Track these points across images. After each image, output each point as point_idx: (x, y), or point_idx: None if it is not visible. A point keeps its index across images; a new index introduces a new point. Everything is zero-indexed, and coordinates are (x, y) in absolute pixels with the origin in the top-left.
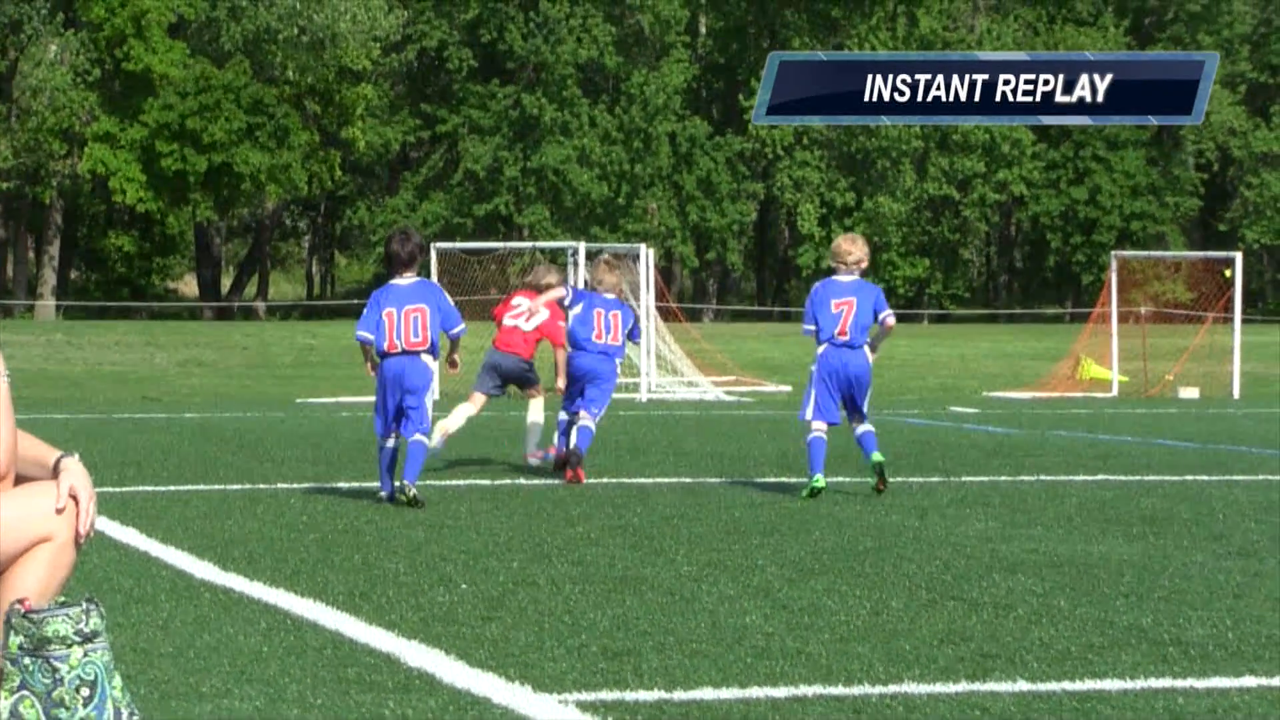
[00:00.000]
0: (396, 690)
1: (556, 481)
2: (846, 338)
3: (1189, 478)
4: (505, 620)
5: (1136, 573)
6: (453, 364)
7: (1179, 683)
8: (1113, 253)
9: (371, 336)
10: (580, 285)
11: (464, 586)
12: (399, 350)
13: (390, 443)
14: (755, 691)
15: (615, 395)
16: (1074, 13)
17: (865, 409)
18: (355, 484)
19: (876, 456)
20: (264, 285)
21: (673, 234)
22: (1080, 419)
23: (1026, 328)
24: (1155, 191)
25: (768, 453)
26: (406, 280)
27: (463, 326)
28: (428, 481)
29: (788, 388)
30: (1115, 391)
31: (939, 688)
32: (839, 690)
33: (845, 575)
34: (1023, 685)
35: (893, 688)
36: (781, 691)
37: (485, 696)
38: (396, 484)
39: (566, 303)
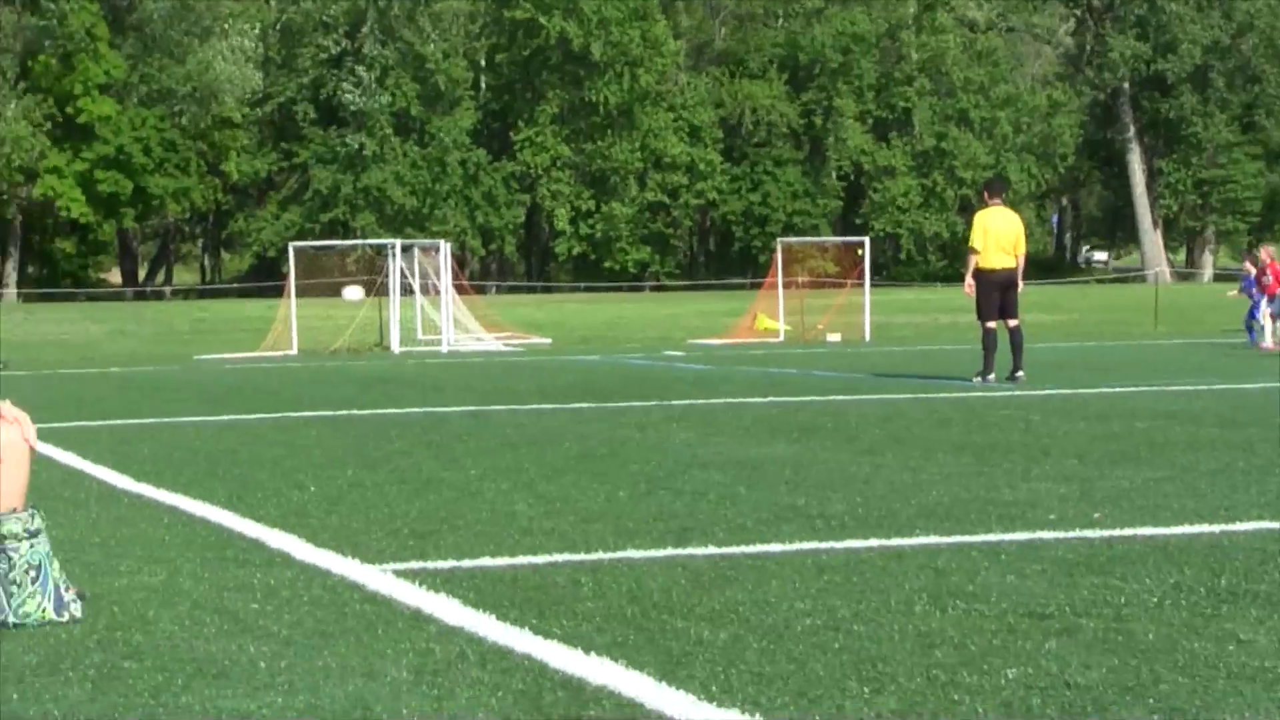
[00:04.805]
0: (263, 565)
1: (377, 411)
2: None
3: (832, 398)
4: (342, 512)
5: (794, 467)
6: None
7: (823, 544)
8: (778, 239)
9: None
10: (396, 271)
11: (312, 489)
12: None
13: None
14: (521, 559)
15: (422, 348)
16: (747, 69)
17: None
18: (232, 416)
19: None
20: (169, 275)
21: (465, 232)
22: (756, 358)
23: (719, 294)
24: (810, 195)
25: (530, 387)
26: None
27: None
28: (265, 415)
29: (549, 340)
30: (781, 338)
31: (653, 553)
32: (581, 556)
33: (586, 474)
34: (712, 549)
35: (619, 554)
36: (540, 559)
37: (327, 569)
38: None
39: None
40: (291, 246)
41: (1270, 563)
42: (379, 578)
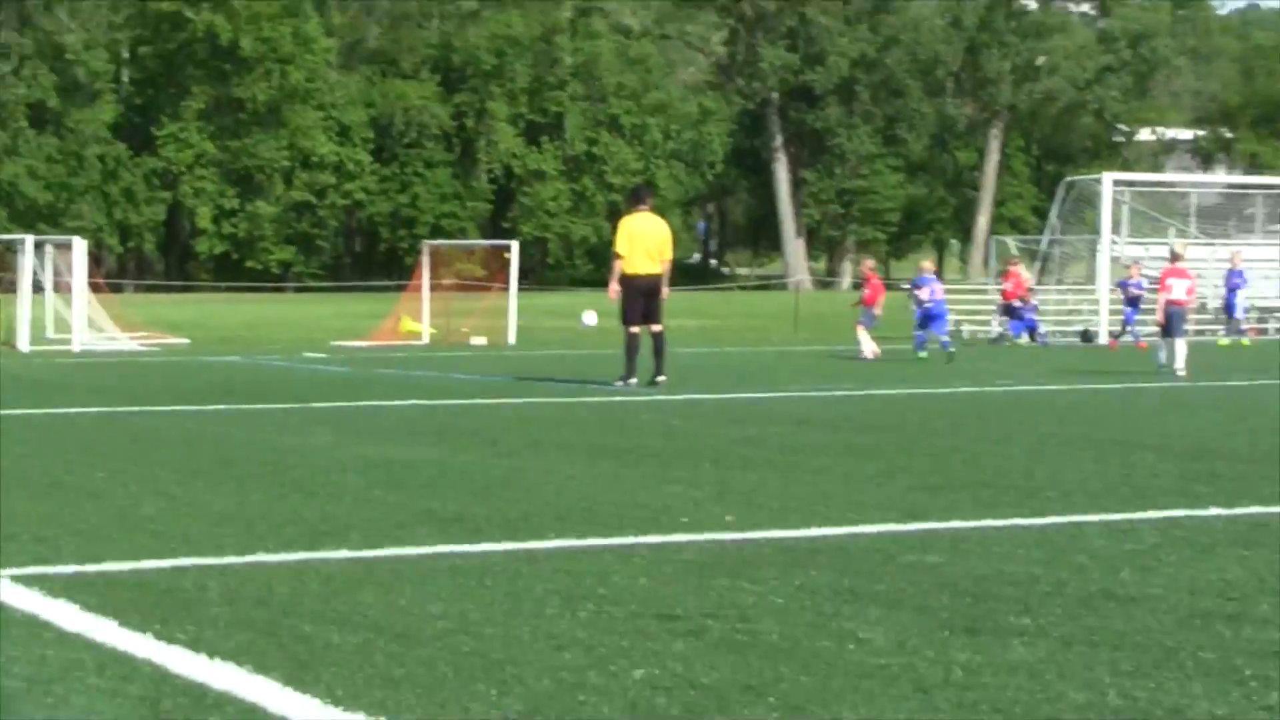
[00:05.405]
0: None
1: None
2: None
3: (474, 401)
4: None
5: (432, 470)
6: None
7: (458, 548)
8: (425, 242)
9: None
10: (28, 268)
11: None
12: None
13: None
14: (147, 564)
15: (52, 347)
16: (399, 70)
17: None
18: None
19: None
20: None
21: (102, 229)
22: (400, 360)
23: (364, 296)
24: (459, 198)
25: (166, 388)
26: None
27: None
28: None
29: (187, 340)
30: (426, 340)
31: (284, 557)
32: (210, 560)
33: (220, 477)
34: (346, 553)
35: (249, 558)
36: (167, 563)
37: None
38: None
39: None
40: None
41: (892, 564)
42: None
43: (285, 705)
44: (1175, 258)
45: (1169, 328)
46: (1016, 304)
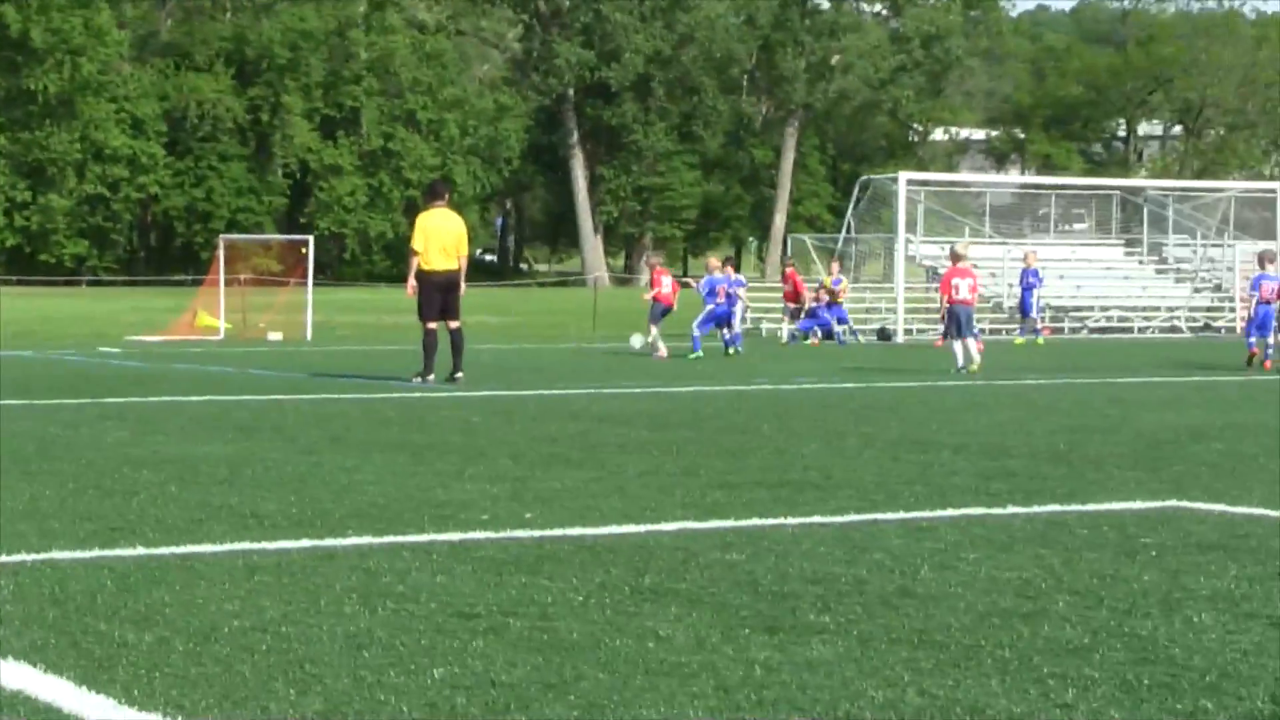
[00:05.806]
0: None
1: None
2: None
3: (271, 397)
4: None
5: (229, 466)
6: None
7: (255, 545)
8: (221, 236)
9: None
10: None
11: None
12: None
13: None
14: None
15: None
16: (193, 62)
17: None
18: None
19: None
20: None
21: None
22: (196, 355)
23: (160, 290)
24: (254, 192)
25: None
26: None
27: None
28: None
29: None
30: (222, 335)
31: (78, 554)
32: (3, 558)
33: (12, 473)
34: (141, 550)
35: (42, 555)
36: None
37: None
38: None
39: None
40: None
41: (692, 562)
42: None
43: (80, 705)
44: (957, 258)
45: (959, 328)
46: (810, 305)
